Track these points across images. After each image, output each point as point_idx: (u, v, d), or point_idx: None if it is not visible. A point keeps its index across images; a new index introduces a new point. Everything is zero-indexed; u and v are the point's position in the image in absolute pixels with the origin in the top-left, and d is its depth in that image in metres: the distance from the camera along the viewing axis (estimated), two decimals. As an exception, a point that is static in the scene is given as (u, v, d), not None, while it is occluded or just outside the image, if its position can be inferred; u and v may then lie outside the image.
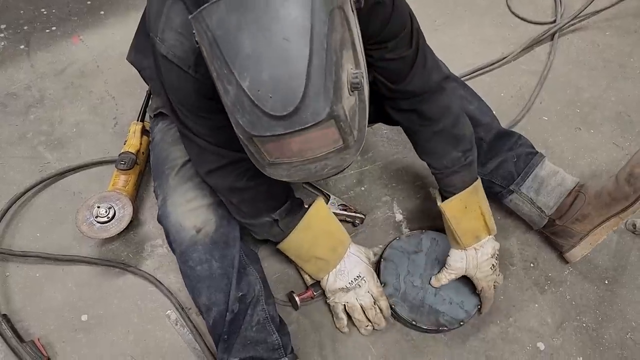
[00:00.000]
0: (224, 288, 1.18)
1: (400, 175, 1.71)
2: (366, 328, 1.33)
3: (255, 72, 0.70)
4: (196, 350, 1.31)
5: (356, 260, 1.33)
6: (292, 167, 0.82)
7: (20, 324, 1.34)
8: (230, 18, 0.71)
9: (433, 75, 1.17)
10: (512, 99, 1.99)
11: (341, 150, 0.80)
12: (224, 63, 0.72)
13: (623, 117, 1.95)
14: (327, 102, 0.71)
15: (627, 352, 1.35)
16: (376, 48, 1.07)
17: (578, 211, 1.38)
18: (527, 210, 1.47)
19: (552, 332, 1.38)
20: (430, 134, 1.24)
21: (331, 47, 0.71)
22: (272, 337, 1.19)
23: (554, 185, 1.43)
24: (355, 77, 0.75)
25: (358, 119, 0.82)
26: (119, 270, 1.44)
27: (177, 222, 1.20)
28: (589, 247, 1.41)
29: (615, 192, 1.30)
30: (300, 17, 0.69)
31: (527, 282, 1.47)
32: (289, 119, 0.71)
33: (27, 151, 1.71)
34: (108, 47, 2.05)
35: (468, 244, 1.29)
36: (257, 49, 0.70)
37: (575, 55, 2.19)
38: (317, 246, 1.29)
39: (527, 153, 1.46)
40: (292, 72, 0.70)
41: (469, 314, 1.35)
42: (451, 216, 1.28)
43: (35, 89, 1.89)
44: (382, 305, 1.33)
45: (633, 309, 1.43)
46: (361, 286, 1.31)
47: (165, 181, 1.27)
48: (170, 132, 1.34)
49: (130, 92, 1.88)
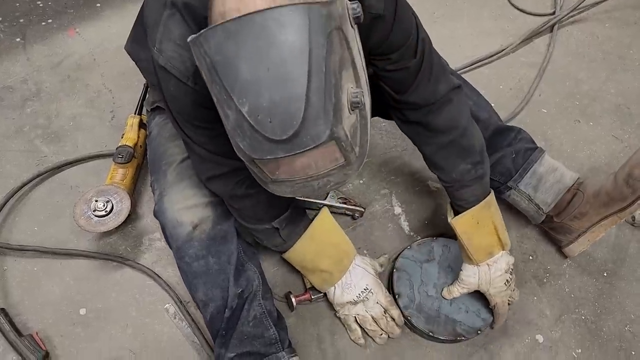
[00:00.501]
0: (221, 284, 1.18)
1: (399, 168, 1.70)
2: (381, 337, 1.32)
3: (254, 97, 0.70)
4: (195, 344, 1.31)
5: (362, 272, 1.31)
6: (295, 185, 0.81)
7: (18, 318, 1.33)
8: (228, 44, 0.70)
9: (439, 86, 1.13)
10: (511, 91, 1.98)
11: (343, 167, 0.80)
12: (223, 88, 0.72)
13: (622, 109, 1.94)
14: (327, 125, 0.71)
15: (626, 344, 1.36)
16: (379, 59, 1.06)
17: (576, 209, 1.37)
18: (525, 206, 1.47)
19: (551, 325, 1.38)
20: (437, 147, 1.21)
21: (330, 69, 0.70)
22: (269, 332, 1.19)
23: (552, 182, 1.42)
24: (355, 97, 0.75)
25: (360, 135, 0.82)
26: (117, 264, 1.44)
27: (173, 218, 1.20)
28: (587, 243, 1.41)
29: (613, 192, 1.29)
30: (297, 42, 0.68)
31: (526, 275, 1.47)
32: (289, 143, 0.71)
33: (24, 145, 1.70)
34: (104, 39, 2.04)
35: (480, 260, 1.26)
36: (255, 74, 0.69)
37: (575, 47, 2.18)
38: (321, 258, 1.28)
39: (526, 149, 1.45)
40: (290, 96, 0.69)
41: (487, 322, 1.33)
42: (462, 232, 1.25)
43: (32, 82, 1.88)
44: (394, 314, 1.32)
45: (632, 301, 1.43)
46: (369, 298, 1.30)
47: (163, 177, 1.26)
48: (168, 127, 1.33)
49: (128, 85, 1.86)
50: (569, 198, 1.40)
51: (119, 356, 1.28)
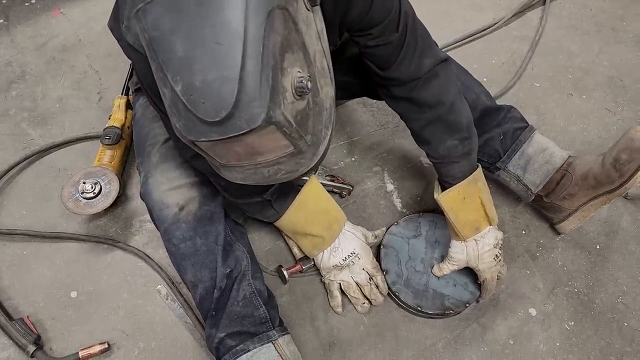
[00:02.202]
0: (209, 264, 1.17)
1: (390, 146, 1.69)
2: (362, 305, 1.32)
3: (187, 76, 0.67)
4: (187, 324, 1.30)
5: (351, 236, 1.32)
6: (245, 170, 0.80)
7: (9, 302, 1.32)
8: (164, 19, 0.68)
9: (425, 61, 1.10)
10: (504, 65, 1.96)
11: (294, 155, 0.78)
12: (159, 65, 0.70)
13: (615, 81, 1.93)
14: (262, 108, 0.67)
15: (619, 315, 1.36)
16: (359, 35, 1.03)
17: (565, 190, 1.37)
18: (515, 186, 1.46)
19: (544, 298, 1.39)
20: (424, 123, 1.19)
21: (269, 50, 0.67)
22: (259, 311, 1.19)
23: (541, 163, 1.40)
24: (300, 82, 0.71)
25: (312, 124, 0.78)
26: (107, 247, 1.43)
27: (159, 199, 1.18)
28: (578, 222, 1.40)
29: (601, 175, 1.28)
30: (233, 21, 0.65)
31: (519, 249, 1.47)
32: (222, 125, 0.68)
33: (10, 128, 1.67)
34: (90, 19, 2.00)
35: (467, 236, 1.26)
36: (189, 52, 0.67)
37: (568, 20, 2.16)
38: (312, 224, 1.28)
39: (515, 129, 1.42)
40: (224, 77, 0.66)
41: (474, 295, 1.33)
42: (449, 208, 1.24)
43: (16, 64, 1.85)
44: (379, 280, 1.32)
45: (624, 273, 1.44)
46: (355, 263, 1.30)
47: (147, 158, 1.25)
48: (151, 108, 1.31)
49: (114, 66, 1.83)
50: (558, 178, 1.38)
51: (112, 338, 1.28)
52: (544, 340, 1.32)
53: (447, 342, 1.31)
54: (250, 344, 1.15)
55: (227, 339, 1.15)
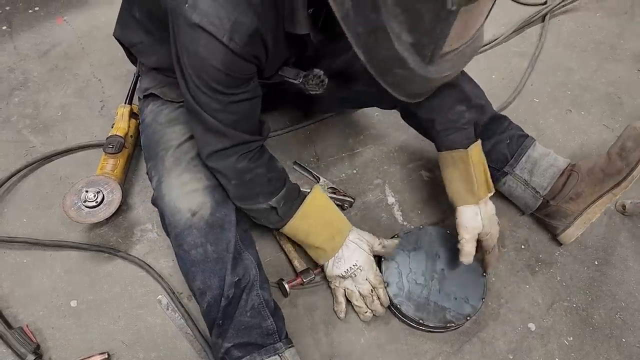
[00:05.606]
0: (219, 272, 1.17)
1: (392, 158, 1.70)
2: (365, 314, 1.33)
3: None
4: (188, 335, 1.30)
5: (354, 248, 1.31)
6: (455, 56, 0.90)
7: (8, 311, 1.31)
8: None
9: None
10: (503, 81, 1.98)
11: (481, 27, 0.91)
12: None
13: (613, 98, 1.95)
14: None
15: (617, 331, 1.37)
16: None
17: (571, 189, 1.39)
18: (521, 192, 1.47)
19: (543, 313, 1.39)
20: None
21: None
22: (266, 322, 1.18)
23: (546, 165, 1.43)
24: None
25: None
26: (108, 256, 1.42)
27: (172, 204, 1.18)
28: (583, 226, 1.42)
29: (607, 167, 1.31)
30: None
31: (519, 264, 1.48)
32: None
33: (12, 135, 1.67)
34: (93, 28, 2.00)
35: (482, 196, 1.26)
36: None
37: (566, 36, 2.19)
38: (314, 235, 1.29)
39: (519, 135, 1.47)
40: None
41: (475, 308, 1.33)
42: (476, 161, 1.25)
43: (19, 71, 1.85)
44: (380, 293, 1.32)
45: (622, 289, 1.45)
46: (357, 275, 1.31)
47: (161, 162, 1.25)
48: (163, 114, 1.32)
49: (117, 75, 1.84)
50: (564, 179, 1.42)
51: (111, 348, 1.27)
52: (543, 355, 1.32)
53: (446, 356, 1.31)
54: (257, 356, 1.15)
55: (233, 350, 1.15)
